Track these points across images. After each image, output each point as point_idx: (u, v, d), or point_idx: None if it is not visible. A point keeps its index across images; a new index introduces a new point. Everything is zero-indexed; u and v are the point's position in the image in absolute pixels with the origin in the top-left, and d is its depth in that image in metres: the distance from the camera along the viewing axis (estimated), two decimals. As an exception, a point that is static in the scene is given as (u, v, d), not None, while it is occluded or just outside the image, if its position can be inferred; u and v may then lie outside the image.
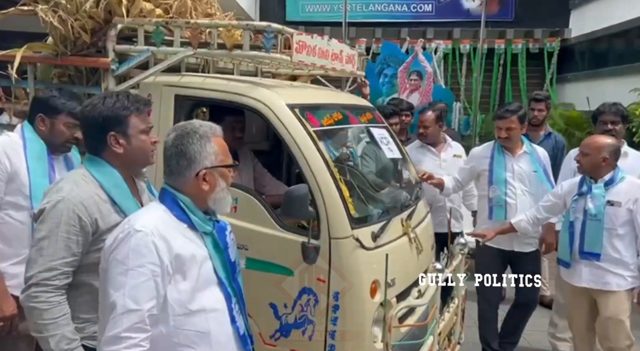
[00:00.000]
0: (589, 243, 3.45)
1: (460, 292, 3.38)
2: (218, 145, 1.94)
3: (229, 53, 3.03)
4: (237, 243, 2.88)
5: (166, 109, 3.11)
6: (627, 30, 8.07)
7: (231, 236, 2.07)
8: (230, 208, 2.90)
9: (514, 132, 3.93)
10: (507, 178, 3.92)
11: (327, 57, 3.42)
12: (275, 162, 4.20)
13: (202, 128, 1.93)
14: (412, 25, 10.17)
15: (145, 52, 3.12)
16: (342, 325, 2.78)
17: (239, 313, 2.03)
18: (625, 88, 6.70)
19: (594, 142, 3.51)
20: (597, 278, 3.46)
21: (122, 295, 1.73)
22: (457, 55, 10.05)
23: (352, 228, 2.81)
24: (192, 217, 1.89)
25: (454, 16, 10.39)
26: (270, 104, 2.95)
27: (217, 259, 1.94)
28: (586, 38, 9.35)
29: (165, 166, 1.94)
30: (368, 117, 3.65)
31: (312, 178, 2.83)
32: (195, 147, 1.88)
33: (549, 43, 9.93)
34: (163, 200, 1.92)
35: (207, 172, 1.90)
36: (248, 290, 2.90)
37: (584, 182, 3.55)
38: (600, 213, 3.40)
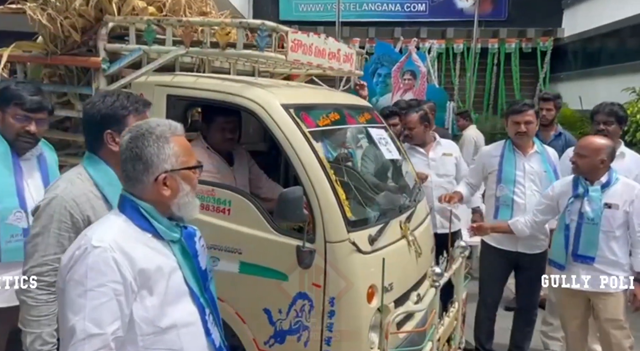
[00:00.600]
0: (584, 247, 3.39)
1: (461, 296, 3.32)
2: (179, 146, 1.77)
3: (222, 52, 2.97)
4: (230, 246, 2.92)
5: (158, 110, 3.04)
6: (618, 30, 8.11)
7: (201, 242, 1.92)
8: (224, 210, 2.97)
9: (532, 126, 3.87)
10: (518, 177, 3.86)
11: (324, 56, 3.36)
12: (273, 163, 4.14)
13: (160, 127, 1.76)
14: (406, 25, 10.26)
15: (137, 51, 3.07)
16: (338, 331, 2.72)
17: (214, 324, 1.91)
18: (617, 88, 6.69)
19: (591, 143, 3.44)
20: (594, 281, 3.41)
21: (82, 318, 1.58)
22: (450, 55, 10.16)
23: (348, 231, 2.76)
24: (156, 225, 1.75)
25: (447, 16, 10.49)
26: (264, 104, 2.89)
27: (187, 268, 1.80)
28: (578, 37, 9.41)
29: (122, 171, 1.79)
30: (366, 117, 3.59)
31: (307, 180, 2.78)
32: (152, 149, 1.72)
33: (542, 42, 10.04)
34: (123, 208, 1.77)
35: (167, 175, 1.74)
36: (242, 294, 2.91)
37: (578, 184, 3.48)
38: (598, 217, 3.35)
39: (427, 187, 4.36)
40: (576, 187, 3.49)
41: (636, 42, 7.74)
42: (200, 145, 3.19)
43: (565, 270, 3.49)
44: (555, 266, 3.57)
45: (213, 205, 2.93)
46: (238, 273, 2.87)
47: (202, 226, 2.89)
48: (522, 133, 3.85)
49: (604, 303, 3.43)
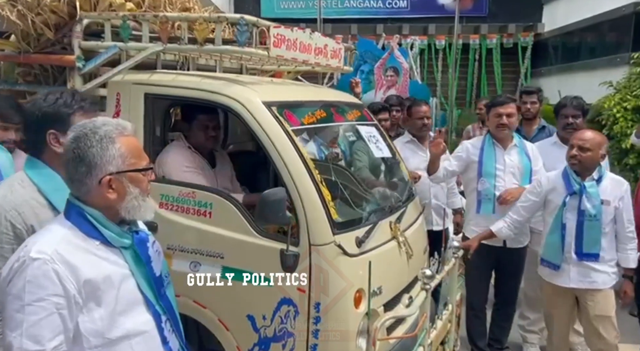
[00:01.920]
0: (589, 244, 3.34)
1: (455, 298, 3.24)
2: (126, 147, 1.69)
3: (200, 48, 2.89)
4: (212, 251, 2.84)
5: (136, 109, 2.98)
6: (596, 24, 8.24)
7: (155, 247, 1.85)
8: (205, 213, 2.89)
9: (513, 119, 3.84)
10: (498, 171, 3.83)
11: (309, 51, 3.28)
12: (263, 163, 4.06)
13: (105, 127, 1.68)
14: (388, 22, 10.42)
15: (113, 48, 2.98)
16: (325, 338, 2.64)
17: (171, 331, 1.85)
18: (595, 82, 6.79)
19: (594, 136, 3.38)
20: (584, 278, 3.40)
21: (19, 335, 1.52)
22: (432, 51, 10.35)
23: (334, 233, 2.68)
24: (104, 231, 1.68)
25: (428, 12, 10.65)
26: (244, 102, 2.81)
27: (140, 275, 1.75)
28: (558, 32, 9.58)
29: (65, 173, 1.71)
30: (356, 114, 3.50)
31: (290, 181, 2.70)
32: (95, 150, 1.64)
33: (523, 38, 10.27)
34: (68, 215, 1.69)
35: (112, 178, 1.66)
36: (224, 300, 2.83)
37: (570, 180, 3.40)
38: (600, 213, 3.31)
39: (423, 184, 4.29)
40: (569, 183, 3.41)
41: (614, 37, 7.84)
42: (181, 145, 3.11)
43: (559, 270, 3.43)
44: (548, 266, 3.50)
45: (193, 208, 2.85)
46: (221, 278, 2.79)
47: (183, 230, 2.88)
48: (504, 125, 3.81)
49: (593, 299, 3.41)
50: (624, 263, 3.40)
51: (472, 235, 3.88)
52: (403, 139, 4.53)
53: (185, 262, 2.84)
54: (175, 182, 2.93)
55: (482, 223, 3.87)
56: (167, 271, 1.94)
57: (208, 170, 3.13)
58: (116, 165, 1.66)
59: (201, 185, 2.92)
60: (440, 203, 4.38)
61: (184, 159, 2.99)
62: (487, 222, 3.82)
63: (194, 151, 3.12)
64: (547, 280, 3.57)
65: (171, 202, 2.88)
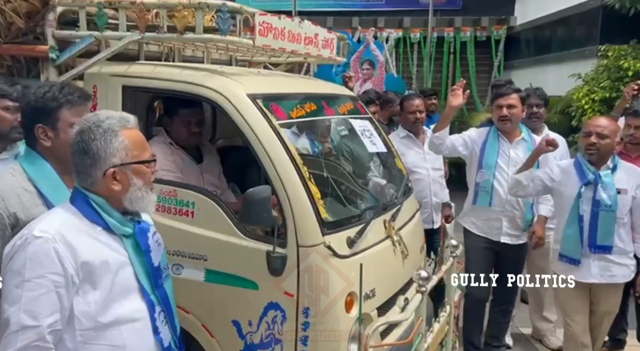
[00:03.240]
0: (602, 236, 3.23)
1: (453, 299, 3.11)
2: (130, 139, 1.76)
3: (180, 36, 2.74)
4: (195, 253, 2.71)
5: (113, 102, 2.85)
6: (565, 18, 8.42)
7: (155, 238, 1.91)
8: (187, 213, 2.76)
9: (515, 111, 3.70)
10: (501, 164, 3.71)
11: (299, 41, 3.14)
12: (254, 159, 3.91)
13: (108, 120, 1.75)
14: (363, 14, 10.54)
15: (88, 38, 2.84)
16: (314, 345, 2.53)
17: (164, 323, 1.89)
18: (565, 74, 6.96)
19: (610, 123, 3.28)
20: (604, 272, 3.28)
21: (17, 309, 1.59)
22: (408, 44, 10.50)
23: (324, 234, 2.56)
24: (107, 218, 1.75)
25: (403, 5, 10.75)
26: (228, 94, 2.68)
27: (138, 264, 1.81)
28: (530, 25, 9.82)
29: (72, 165, 1.78)
30: (348, 107, 3.35)
31: (277, 178, 2.58)
32: (99, 143, 1.71)
33: (496, 31, 10.50)
34: (74, 200, 1.77)
35: (117, 170, 1.73)
36: (208, 305, 2.71)
37: (583, 170, 3.28)
38: (615, 204, 3.19)
39: (423, 181, 4.21)
40: (582, 173, 3.28)
41: (582, 30, 8.01)
42: (162, 140, 2.97)
43: (580, 264, 3.30)
44: (568, 262, 3.34)
45: (175, 207, 2.72)
46: (203, 281, 2.68)
47: (163, 230, 2.72)
48: (505, 117, 3.68)
49: (607, 295, 3.33)
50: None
51: (470, 226, 3.80)
52: (399, 134, 4.39)
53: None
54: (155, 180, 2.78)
55: (478, 216, 3.77)
56: (167, 264, 1.99)
57: (193, 167, 2.99)
58: (120, 158, 1.73)
59: (183, 183, 2.79)
60: (440, 201, 4.24)
61: (165, 156, 2.85)
62: (484, 215, 3.73)
63: (177, 147, 2.98)
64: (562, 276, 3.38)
65: (152, 201, 2.75)
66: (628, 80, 5.73)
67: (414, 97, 4.44)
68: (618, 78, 6.18)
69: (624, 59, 6.16)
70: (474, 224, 3.80)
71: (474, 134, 3.91)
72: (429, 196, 4.23)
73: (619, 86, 6.00)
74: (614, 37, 6.88)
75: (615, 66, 6.30)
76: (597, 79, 6.51)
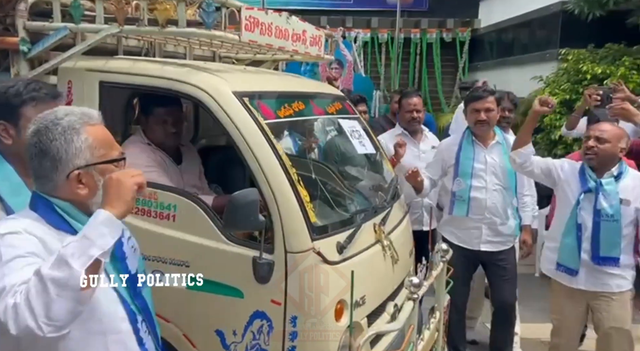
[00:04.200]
0: (607, 248, 2.96)
1: (442, 304, 2.89)
2: (94, 137, 1.52)
3: (162, 30, 2.47)
4: (176, 259, 2.44)
5: (90, 99, 2.56)
6: (527, 22, 8.35)
7: (130, 243, 1.68)
8: (168, 216, 2.48)
9: (492, 114, 3.48)
10: (478, 171, 3.47)
11: (286, 37, 2.89)
12: (238, 159, 3.63)
13: (68, 117, 1.50)
14: (332, 14, 10.31)
15: (62, 30, 2.54)
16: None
17: (147, 333, 1.69)
18: (527, 76, 6.89)
19: (614, 128, 3.03)
20: (595, 280, 3.04)
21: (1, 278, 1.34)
22: (376, 44, 10.25)
23: (313, 239, 2.33)
24: (75, 223, 1.51)
25: (371, 5, 10.49)
26: (212, 91, 2.42)
27: (114, 272, 1.57)
28: (493, 28, 9.71)
29: (30, 169, 1.55)
30: (337, 106, 3.11)
31: (264, 181, 2.34)
32: (58, 143, 1.47)
33: (461, 33, 10.31)
34: (35, 207, 1.53)
35: (82, 172, 1.49)
36: (190, 314, 2.44)
37: (585, 176, 3.04)
38: (618, 213, 2.93)
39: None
40: (584, 180, 3.03)
41: (543, 34, 7.93)
42: (139, 140, 2.69)
43: (577, 275, 3.05)
44: (566, 272, 3.09)
45: (155, 211, 2.45)
46: (186, 289, 2.39)
47: (143, 234, 2.44)
48: (483, 121, 3.45)
49: (607, 307, 3.03)
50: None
51: (454, 239, 3.54)
52: (394, 132, 4.16)
53: (146, 270, 2.42)
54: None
55: (457, 225, 3.54)
56: (144, 269, 1.77)
57: (172, 168, 2.72)
58: (84, 158, 1.50)
59: (164, 185, 2.51)
60: (432, 202, 3.97)
61: (144, 157, 2.57)
62: (462, 224, 3.51)
63: (155, 147, 2.70)
64: (559, 283, 3.19)
65: (130, 204, 2.46)
66: (586, 83, 5.74)
67: (413, 94, 4.18)
68: (577, 81, 6.16)
69: (583, 63, 6.16)
70: (453, 234, 3.57)
71: (443, 146, 3.71)
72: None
73: (578, 88, 6.01)
74: (574, 41, 6.86)
75: (574, 69, 6.29)
76: (557, 81, 6.50)
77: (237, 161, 3.29)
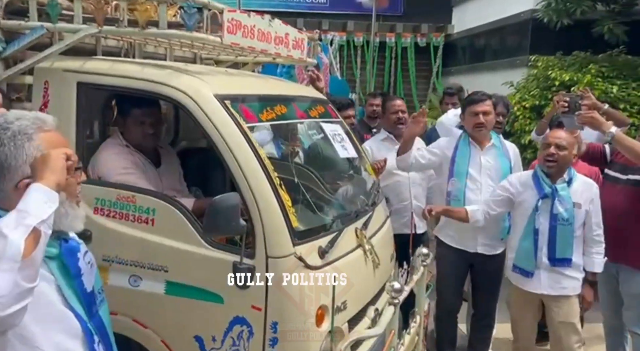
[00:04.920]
0: (561, 250, 2.99)
1: (423, 308, 2.80)
2: (47, 144, 1.37)
3: (142, 31, 2.34)
4: (154, 263, 2.31)
5: (67, 100, 2.42)
6: (499, 28, 8.32)
7: (87, 258, 1.51)
8: (147, 220, 2.35)
9: (490, 117, 3.39)
10: (473, 172, 3.39)
11: (269, 40, 2.77)
12: (219, 162, 3.49)
13: (19, 122, 1.37)
14: (308, 16, 10.13)
15: (39, 29, 2.39)
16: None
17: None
18: (498, 82, 6.81)
19: (569, 136, 3.05)
20: (555, 284, 3.05)
21: None
22: (352, 47, 10.11)
23: (295, 244, 2.23)
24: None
25: (347, 8, 10.30)
26: (193, 94, 2.30)
27: (68, 289, 1.42)
28: (466, 34, 9.67)
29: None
30: (319, 110, 3.00)
31: (245, 185, 2.23)
32: (7, 149, 1.34)
33: (435, 38, 10.21)
34: None
35: (32, 182, 1.31)
36: (168, 320, 2.32)
37: (540, 182, 3.04)
38: (572, 217, 2.97)
39: (402, 184, 3.83)
40: (539, 186, 3.05)
41: (514, 40, 7.93)
42: (117, 142, 2.55)
43: (532, 277, 3.06)
44: (521, 273, 3.12)
45: (133, 214, 2.32)
46: (164, 294, 2.30)
47: (121, 239, 2.32)
48: (481, 124, 3.36)
49: (559, 306, 3.08)
50: (590, 267, 3.07)
51: (449, 240, 3.47)
52: (379, 137, 4.04)
53: (123, 275, 2.33)
54: (111, 184, 2.38)
55: (454, 227, 3.43)
56: (101, 287, 1.62)
57: (151, 171, 2.59)
58: None
59: (142, 188, 2.38)
60: (421, 205, 3.83)
61: (122, 159, 2.43)
62: (455, 225, 3.40)
63: (133, 149, 2.56)
64: (515, 285, 3.20)
65: (107, 207, 2.34)
66: (555, 89, 5.70)
67: (396, 97, 4.13)
68: (546, 87, 6.11)
69: (552, 70, 6.14)
70: (450, 236, 3.47)
71: (443, 143, 3.60)
72: (409, 199, 3.83)
73: (547, 94, 5.97)
74: (543, 48, 6.84)
75: (543, 76, 6.26)
76: (527, 87, 6.45)
77: (218, 164, 3.18)
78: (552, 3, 6.03)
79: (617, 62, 5.89)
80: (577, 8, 5.75)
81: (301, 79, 6.95)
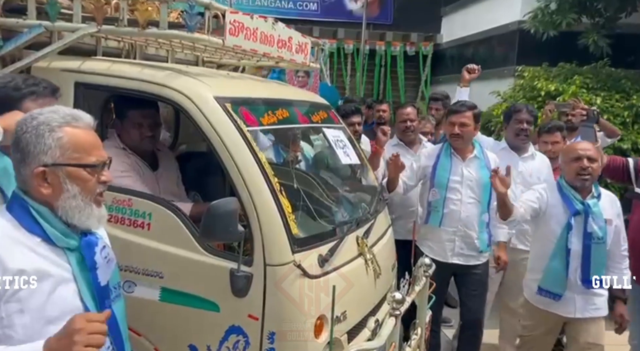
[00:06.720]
0: (596, 270, 2.61)
1: (424, 320, 2.54)
2: (70, 138, 1.30)
3: (142, 31, 2.10)
4: (150, 269, 2.05)
5: (64, 100, 2.13)
6: (487, 39, 8.06)
7: (104, 253, 1.42)
8: (143, 225, 2.10)
9: (467, 129, 3.11)
10: (453, 183, 3.11)
11: (272, 43, 2.54)
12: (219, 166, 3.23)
13: (49, 114, 1.31)
14: (299, 23, 9.77)
15: (37, 27, 2.15)
16: (279, 374, 1.94)
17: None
18: (486, 91, 6.55)
19: (594, 147, 2.70)
20: (588, 306, 2.68)
21: None
22: (342, 55, 9.71)
23: (294, 251, 2.00)
24: (48, 228, 1.31)
25: (337, 16, 9.93)
26: (193, 96, 2.07)
27: (83, 282, 1.35)
28: (454, 43, 9.34)
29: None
30: (322, 116, 2.75)
31: (244, 190, 1.99)
32: (28, 136, 1.29)
33: (424, 46, 9.84)
34: (10, 207, 1.33)
35: (47, 170, 1.29)
36: (163, 327, 2.06)
37: (570, 198, 2.67)
38: (606, 234, 2.60)
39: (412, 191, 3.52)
40: (569, 202, 2.65)
41: (502, 51, 7.68)
42: (113, 144, 2.30)
43: (561, 299, 2.68)
44: (548, 296, 2.71)
45: (129, 218, 2.08)
46: (159, 301, 2.07)
47: (115, 243, 2.04)
48: (456, 135, 3.11)
49: (588, 327, 2.69)
50: (619, 284, 2.69)
51: (425, 248, 3.17)
52: (391, 143, 3.78)
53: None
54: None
55: (433, 238, 3.17)
56: (118, 282, 1.52)
57: (148, 174, 2.34)
58: (52, 156, 1.30)
59: (139, 191, 2.13)
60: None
61: (118, 161, 2.17)
62: (433, 234, 3.15)
63: (130, 152, 2.31)
64: (536, 306, 2.80)
65: (103, 211, 2.06)
66: (541, 99, 5.49)
67: (407, 105, 3.85)
68: (532, 97, 5.81)
69: (538, 80, 5.87)
70: (428, 246, 3.19)
71: (425, 151, 3.36)
72: (415, 205, 3.53)
73: (533, 104, 5.54)
74: (530, 59, 6.60)
75: (530, 86, 5.99)
76: (514, 97, 6.15)
77: (217, 168, 2.92)
78: (539, 15, 5.81)
79: (601, 73, 5.69)
80: (563, 20, 5.52)
81: (292, 84, 6.70)
